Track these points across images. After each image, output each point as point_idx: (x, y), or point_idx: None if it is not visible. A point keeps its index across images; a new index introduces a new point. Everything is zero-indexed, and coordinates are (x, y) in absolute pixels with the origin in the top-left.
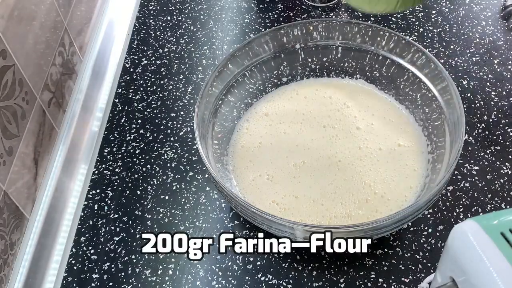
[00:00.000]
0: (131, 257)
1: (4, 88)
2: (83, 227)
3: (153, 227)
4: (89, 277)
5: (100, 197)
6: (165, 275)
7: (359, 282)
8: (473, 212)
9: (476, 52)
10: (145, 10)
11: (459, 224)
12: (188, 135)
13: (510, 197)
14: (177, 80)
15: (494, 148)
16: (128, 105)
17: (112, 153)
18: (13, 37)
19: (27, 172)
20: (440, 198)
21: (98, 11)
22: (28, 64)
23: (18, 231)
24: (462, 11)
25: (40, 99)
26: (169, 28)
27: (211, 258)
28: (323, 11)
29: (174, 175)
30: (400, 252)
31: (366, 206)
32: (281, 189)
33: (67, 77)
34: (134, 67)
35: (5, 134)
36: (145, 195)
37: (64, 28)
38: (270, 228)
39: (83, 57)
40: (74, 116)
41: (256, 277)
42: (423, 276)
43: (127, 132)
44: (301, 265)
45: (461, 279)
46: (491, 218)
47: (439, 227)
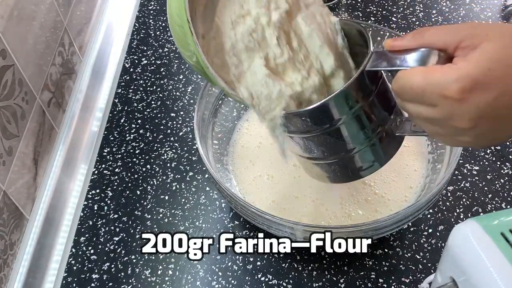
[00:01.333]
0: (131, 257)
1: (3, 88)
2: (83, 227)
3: (153, 227)
4: (89, 277)
5: (100, 197)
6: (165, 275)
7: (359, 282)
8: (473, 212)
9: None
10: (145, 10)
11: (459, 224)
12: (188, 135)
13: (510, 197)
14: (177, 80)
15: (494, 148)
16: (128, 105)
17: (112, 153)
18: (13, 37)
19: (26, 172)
20: (440, 198)
21: (98, 11)
22: (28, 64)
23: (18, 231)
24: (463, 11)
25: (40, 99)
26: (169, 28)
27: (211, 258)
28: None
29: (174, 175)
30: (400, 252)
31: (366, 206)
32: (281, 189)
33: (66, 77)
34: (134, 67)
35: (5, 134)
36: (145, 195)
37: (64, 28)
38: (270, 228)
39: (83, 57)
40: (74, 116)
41: (256, 277)
42: (423, 276)
43: (127, 132)
44: (301, 265)
45: (461, 279)
46: (492, 218)
47: (440, 227)
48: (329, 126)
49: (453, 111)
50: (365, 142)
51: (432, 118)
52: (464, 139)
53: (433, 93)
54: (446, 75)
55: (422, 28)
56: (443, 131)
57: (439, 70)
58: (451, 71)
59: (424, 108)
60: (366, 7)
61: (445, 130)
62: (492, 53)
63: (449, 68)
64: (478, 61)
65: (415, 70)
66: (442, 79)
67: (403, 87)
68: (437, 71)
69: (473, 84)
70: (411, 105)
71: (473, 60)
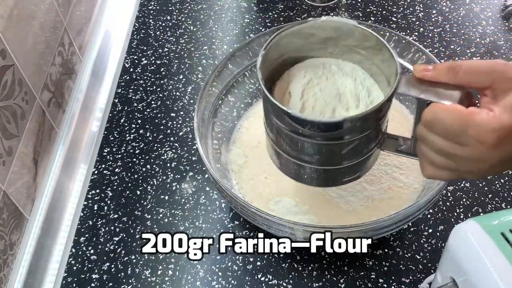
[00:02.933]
0: (131, 257)
1: (3, 88)
2: (83, 227)
3: (153, 227)
4: (88, 277)
5: (100, 197)
6: (165, 275)
7: (359, 283)
8: (473, 212)
9: (476, 52)
10: (145, 10)
11: (459, 224)
12: (188, 135)
13: (510, 197)
14: (177, 80)
15: None
16: (128, 105)
17: (112, 153)
18: (13, 37)
19: (26, 172)
20: (440, 198)
21: (97, 11)
22: (28, 64)
23: (18, 231)
24: (463, 11)
25: (40, 99)
26: (169, 28)
27: (211, 258)
28: (323, 11)
29: (174, 175)
30: (401, 252)
31: (367, 206)
32: (281, 189)
33: (66, 77)
34: (133, 67)
35: (4, 134)
36: (145, 195)
37: (63, 28)
38: (270, 228)
39: (82, 57)
40: (73, 116)
41: (256, 277)
42: (423, 276)
43: (127, 132)
44: (301, 265)
45: (461, 279)
46: (492, 218)
47: (440, 227)
48: (338, 139)
49: (481, 155)
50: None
51: (454, 154)
52: (470, 176)
53: (469, 135)
54: (486, 122)
55: (455, 63)
56: (455, 166)
57: (479, 115)
58: (491, 119)
59: (450, 144)
60: (366, 7)
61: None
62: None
63: (488, 115)
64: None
65: (453, 108)
66: (482, 125)
67: (436, 121)
68: (476, 114)
69: (508, 134)
70: (435, 137)
71: (509, 109)
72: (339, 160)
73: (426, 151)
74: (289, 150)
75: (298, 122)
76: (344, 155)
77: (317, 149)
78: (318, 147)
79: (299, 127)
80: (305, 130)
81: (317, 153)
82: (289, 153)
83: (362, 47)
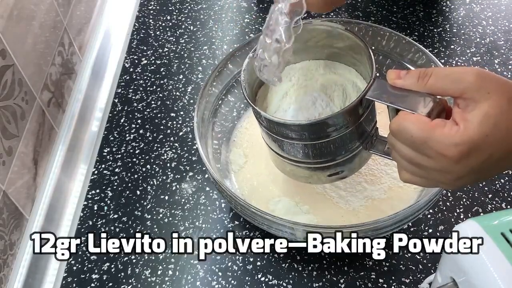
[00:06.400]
0: (131, 257)
1: (3, 88)
2: (83, 227)
3: (153, 227)
4: (88, 278)
5: (100, 197)
6: (165, 275)
7: (359, 283)
8: (473, 212)
9: (476, 52)
10: (145, 10)
11: (459, 224)
12: (188, 135)
13: (510, 197)
14: (177, 80)
15: None
16: (128, 105)
17: (112, 153)
18: (13, 37)
19: (26, 172)
20: (440, 198)
21: (97, 10)
22: (28, 64)
23: (18, 231)
24: (463, 10)
25: (40, 99)
26: (169, 28)
27: (211, 258)
28: None
29: (174, 175)
30: (401, 252)
31: (367, 206)
32: (281, 189)
33: (66, 77)
34: (133, 67)
35: (4, 134)
36: (145, 195)
37: (63, 28)
38: (270, 228)
39: (82, 57)
40: (73, 116)
41: (256, 277)
42: (423, 276)
43: (127, 132)
44: (301, 265)
45: (461, 280)
46: (492, 218)
47: (440, 227)
48: (319, 138)
49: (446, 168)
50: (344, 155)
51: (421, 164)
52: (441, 186)
53: (432, 148)
54: (448, 137)
55: (426, 70)
56: (425, 174)
57: (442, 129)
58: (454, 134)
59: (416, 154)
60: (366, 7)
61: (428, 175)
62: (491, 118)
63: (451, 129)
64: (478, 126)
65: (417, 119)
66: (444, 139)
67: (401, 131)
68: (439, 128)
69: (471, 149)
70: (403, 147)
71: (474, 123)
72: (316, 158)
73: (397, 158)
74: (274, 147)
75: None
76: (317, 153)
77: (291, 148)
78: (291, 146)
79: (269, 124)
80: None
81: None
82: (276, 151)
83: (352, 50)
